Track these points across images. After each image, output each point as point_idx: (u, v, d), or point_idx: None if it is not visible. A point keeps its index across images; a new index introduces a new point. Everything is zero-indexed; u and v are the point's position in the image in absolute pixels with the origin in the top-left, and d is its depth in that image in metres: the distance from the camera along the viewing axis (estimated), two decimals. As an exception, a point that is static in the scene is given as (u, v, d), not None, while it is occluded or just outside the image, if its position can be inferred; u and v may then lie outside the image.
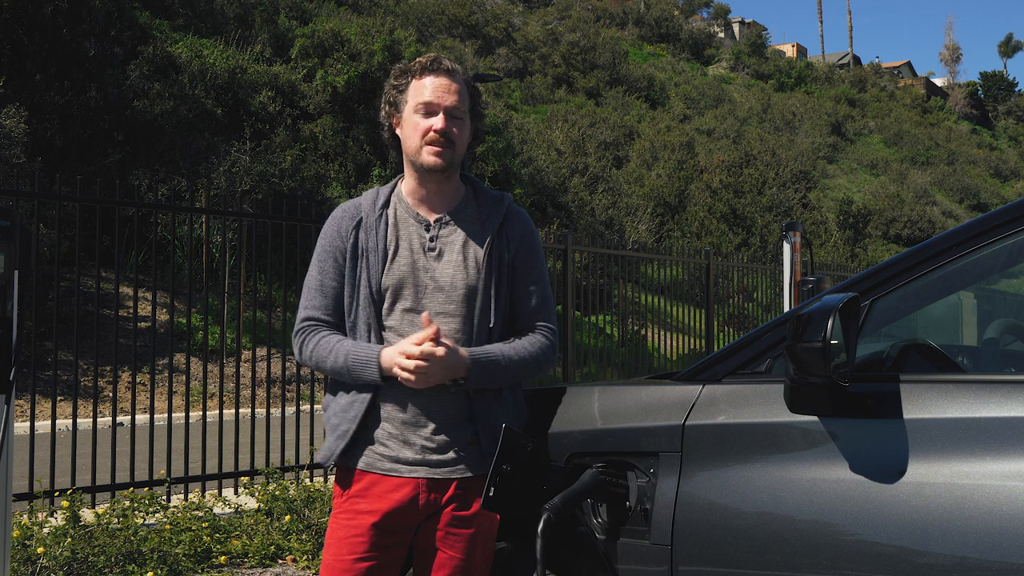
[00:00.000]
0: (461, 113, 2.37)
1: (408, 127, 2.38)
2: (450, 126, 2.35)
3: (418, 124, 2.35)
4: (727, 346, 2.34)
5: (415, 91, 2.37)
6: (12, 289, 2.90)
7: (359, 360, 2.29)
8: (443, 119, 2.34)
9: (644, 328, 12.84)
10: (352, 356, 2.30)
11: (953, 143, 51.87)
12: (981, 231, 2.07)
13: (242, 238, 7.61)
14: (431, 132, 2.33)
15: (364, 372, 2.28)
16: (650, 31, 52.85)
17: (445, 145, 2.34)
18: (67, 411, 9.48)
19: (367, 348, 2.31)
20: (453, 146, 2.35)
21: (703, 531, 2.11)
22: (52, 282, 9.45)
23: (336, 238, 2.40)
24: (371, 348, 2.30)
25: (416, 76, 2.38)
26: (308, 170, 16.87)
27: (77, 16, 14.94)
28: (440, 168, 2.35)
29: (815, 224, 28.76)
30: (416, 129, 2.35)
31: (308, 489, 5.77)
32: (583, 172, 24.70)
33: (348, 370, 2.31)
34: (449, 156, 2.35)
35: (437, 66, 2.37)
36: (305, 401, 10.75)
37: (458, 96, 2.36)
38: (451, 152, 2.35)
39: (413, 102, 2.36)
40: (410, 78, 2.39)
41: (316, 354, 2.36)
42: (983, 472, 1.84)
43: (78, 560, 4.54)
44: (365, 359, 2.28)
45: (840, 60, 69.52)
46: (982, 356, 2.79)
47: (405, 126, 2.39)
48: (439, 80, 2.36)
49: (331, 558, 2.32)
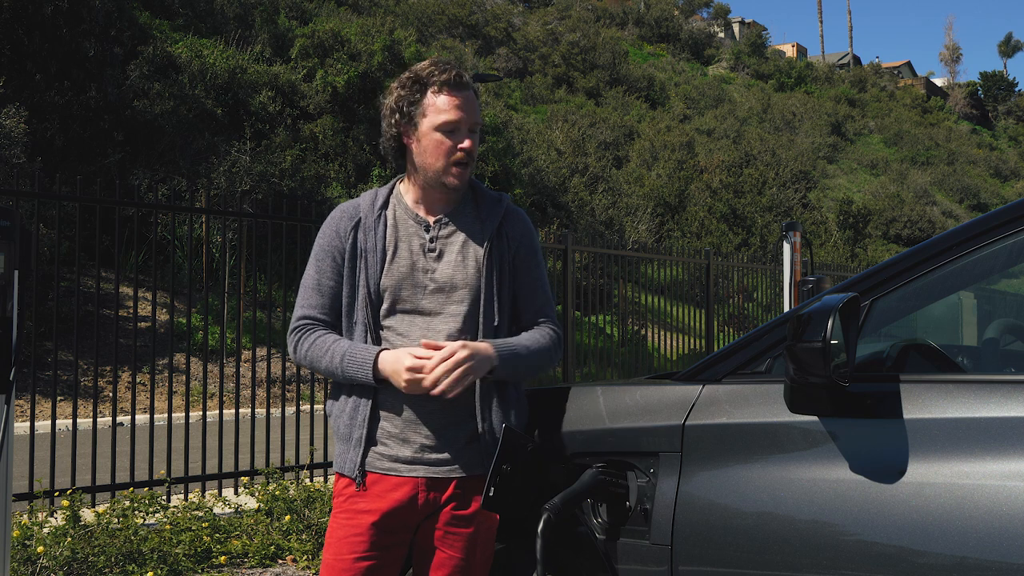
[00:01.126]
0: (479, 127, 2.37)
1: (428, 144, 2.32)
2: (474, 144, 2.34)
3: (442, 143, 2.30)
4: (727, 346, 2.34)
5: (435, 107, 2.30)
6: (12, 289, 2.89)
7: (355, 361, 2.28)
8: (469, 140, 2.31)
9: (644, 328, 12.84)
10: (348, 357, 2.29)
11: (953, 143, 51.86)
12: (981, 231, 2.07)
13: (242, 238, 7.61)
14: (458, 152, 2.30)
15: (358, 374, 2.28)
16: (650, 31, 52.84)
17: (468, 163, 2.33)
18: (67, 411, 9.48)
19: (364, 350, 2.29)
20: (473, 162, 2.35)
21: (703, 531, 2.11)
22: (52, 282, 9.45)
23: (335, 238, 2.39)
24: (368, 350, 2.29)
25: (435, 91, 2.31)
26: (308, 170, 16.86)
27: (77, 16, 14.94)
28: (462, 188, 2.36)
29: (815, 224, 28.77)
30: (439, 148, 2.31)
31: (308, 489, 5.77)
32: (583, 172, 24.69)
33: (343, 371, 2.30)
34: (469, 173, 2.36)
35: (459, 81, 2.31)
36: (305, 401, 10.75)
37: (476, 110, 2.34)
38: (471, 168, 2.36)
39: (434, 118, 2.30)
40: (426, 90, 2.31)
41: (311, 353, 2.35)
42: (983, 472, 1.84)
43: (78, 560, 4.54)
44: (361, 361, 2.28)
45: (840, 60, 69.52)
46: (982, 356, 2.79)
47: (424, 142, 2.32)
48: (462, 97, 2.31)
49: (331, 557, 2.32)
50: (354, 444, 2.32)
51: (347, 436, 2.33)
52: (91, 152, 14.51)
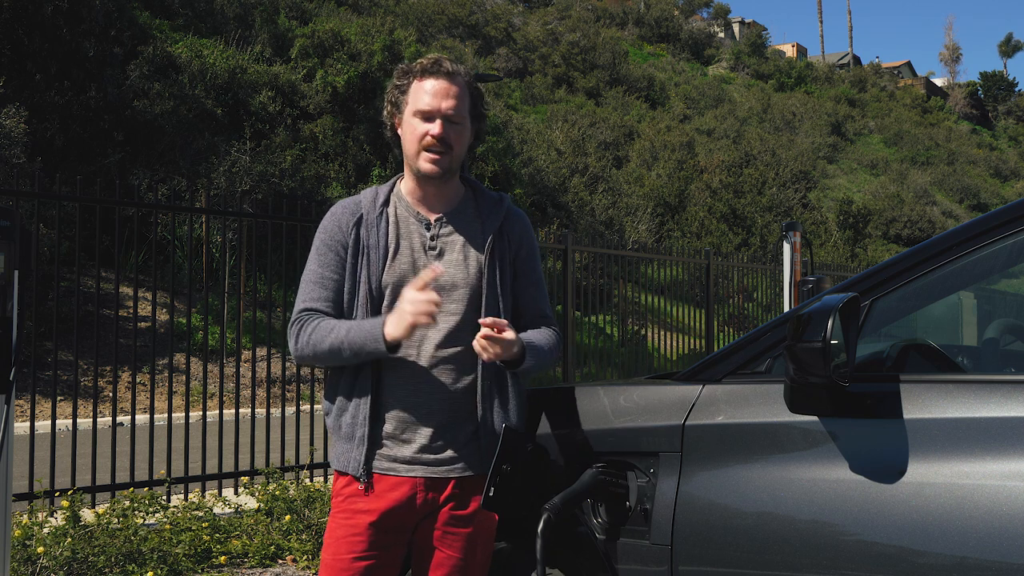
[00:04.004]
0: (460, 118, 2.34)
1: (407, 130, 2.36)
2: (447, 132, 2.31)
3: (416, 128, 2.33)
4: (727, 346, 2.34)
5: (415, 94, 2.34)
6: (12, 289, 2.89)
7: (362, 329, 2.23)
8: (440, 125, 2.31)
9: (644, 328, 12.84)
10: (356, 328, 2.24)
11: (953, 143, 51.84)
12: (981, 231, 2.07)
13: (242, 238, 7.61)
14: (428, 137, 2.31)
15: (367, 341, 2.22)
16: (650, 31, 52.83)
17: (442, 151, 2.31)
18: (67, 411, 9.48)
19: (371, 320, 2.26)
20: (451, 152, 2.33)
21: (703, 531, 2.11)
22: (52, 282, 9.45)
23: (337, 232, 2.38)
24: (376, 319, 2.25)
25: (417, 77, 2.35)
26: (308, 170, 16.87)
27: (77, 16, 14.94)
28: (436, 175, 2.34)
29: (815, 224, 28.76)
30: (414, 133, 2.33)
31: (308, 489, 5.77)
32: (583, 172, 24.69)
33: (349, 343, 2.24)
34: (446, 162, 2.33)
35: (437, 68, 2.33)
36: (305, 401, 10.75)
37: (457, 100, 2.32)
38: (448, 158, 2.33)
39: (412, 105, 2.34)
40: (412, 79, 2.36)
41: (314, 337, 2.29)
42: (983, 472, 1.84)
43: (78, 560, 4.54)
44: (370, 327, 2.23)
45: (840, 60, 69.50)
46: (982, 356, 2.79)
47: (404, 128, 2.37)
48: (439, 84, 2.32)
49: (330, 557, 2.32)
50: (357, 443, 2.30)
51: (349, 435, 2.33)
52: (91, 152, 14.51)
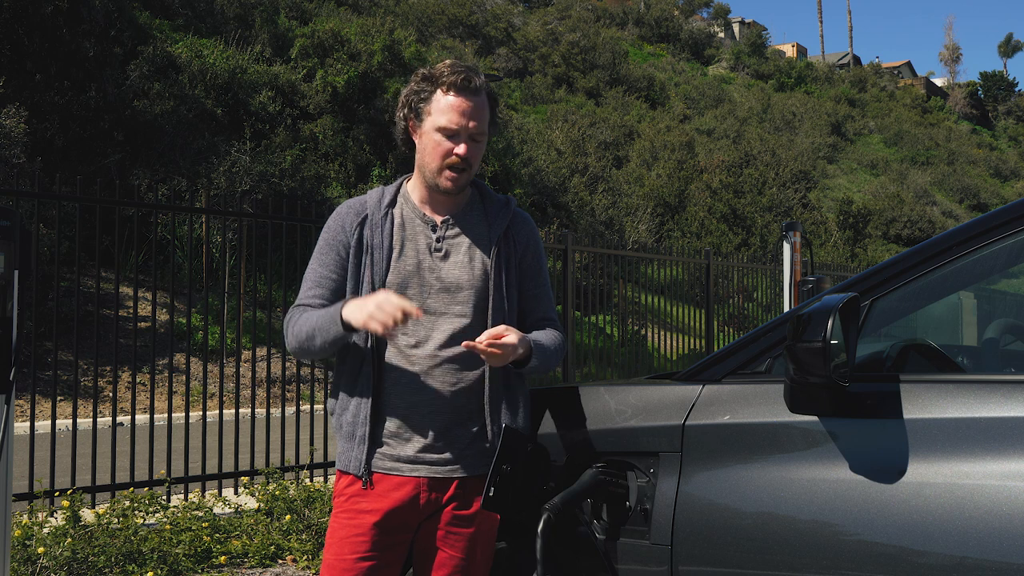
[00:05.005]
0: (483, 135, 2.33)
1: (427, 143, 2.32)
2: (471, 151, 2.31)
3: (439, 144, 2.30)
4: (727, 346, 2.34)
5: (439, 108, 2.29)
6: (12, 289, 2.89)
7: (327, 315, 2.25)
8: (466, 147, 2.29)
9: (644, 328, 12.84)
10: (323, 315, 2.27)
11: (953, 143, 51.85)
12: (981, 231, 2.07)
13: (242, 238, 7.61)
14: (452, 156, 2.29)
15: (330, 324, 2.24)
16: (650, 31, 52.83)
17: (463, 169, 2.31)
18: (67, 411, 9.48)
19: (336, 304, 2.27)
20: (471, 168, 2.33)
21: (703, 531, 2.11)
22: (52, 282, 9.44)
23: (340, 232, 2.38)
24: (339, 304, 2.26)
25: (443, 89, 2.29)
26: (308, 170, 16.86)
27: (77, 16, 14.93)
28: (454, 192, 2.34)
29: (815, 224, 28.74)
30: (436, 149, 2.30)
31: (308, 489, 5.77)
32: (583, 172, 24.68)
33: (318, 328, 2.27)
34: (466, 179, 2.33)
35: (467, 85, 2.28)
36: (305, 401, 10.75)
37: (481, 119, 2.31)
38: (468, 174, 2.33)
39: (436, 119, 2.29)
40: (436, 89, 2.30)
41: (297, 327, 2.33)
42: (983, 472, 1.84)
43: (78, 560, 4.54)
44: (334, 310, 2.24)
45: (840, 60, 69.50)
46: (982, 356, 2.79)
47: (424, 140, 2.33)
48: (467, 103, 2.28)
49: (332, 557, 2.32)
50: (358, 442, 2.31)
51: (350, 434, 2.33)
52: (91, 152, 14.50)
